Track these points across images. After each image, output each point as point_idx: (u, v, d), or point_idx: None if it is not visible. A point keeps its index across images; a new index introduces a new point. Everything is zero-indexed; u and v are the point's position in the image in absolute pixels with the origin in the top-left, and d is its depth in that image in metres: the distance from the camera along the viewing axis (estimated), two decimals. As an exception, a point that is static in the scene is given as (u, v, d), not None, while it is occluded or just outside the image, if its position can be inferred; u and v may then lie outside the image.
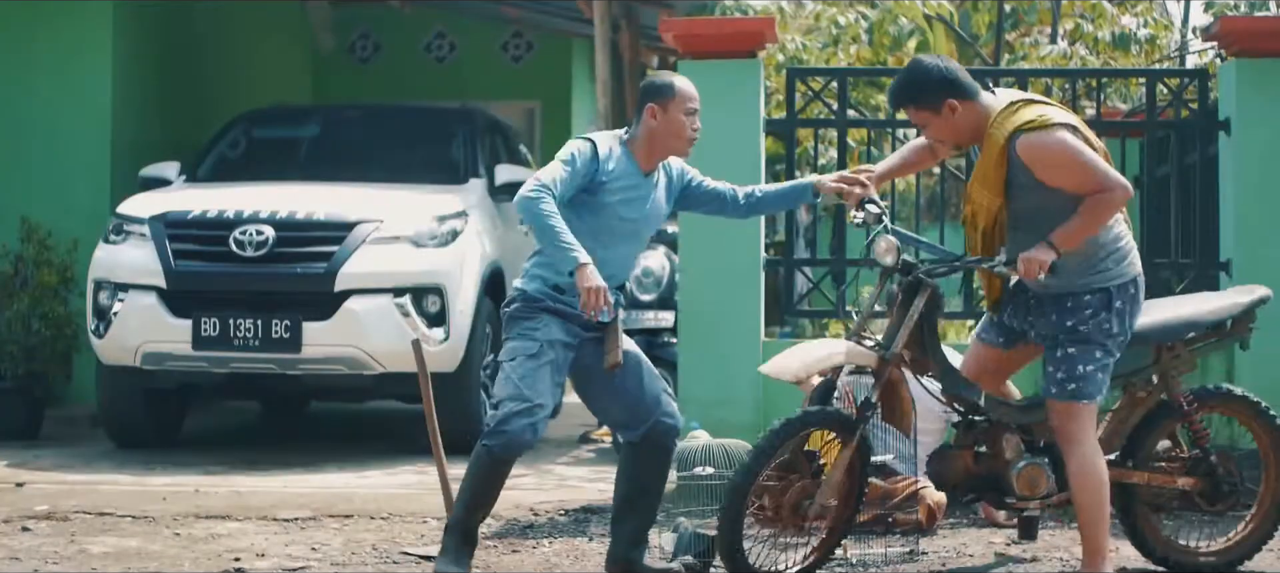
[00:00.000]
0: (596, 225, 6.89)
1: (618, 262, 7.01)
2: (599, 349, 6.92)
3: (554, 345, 6.85)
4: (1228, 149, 9.83)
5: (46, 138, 13.23)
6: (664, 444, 7.14)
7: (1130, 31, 12.24)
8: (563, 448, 11.86)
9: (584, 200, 6.88)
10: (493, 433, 6.81)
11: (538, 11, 16.42)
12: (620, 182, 6.94)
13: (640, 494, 7.15)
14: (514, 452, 6.83)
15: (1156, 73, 10.77)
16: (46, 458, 11.01)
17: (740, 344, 9.89)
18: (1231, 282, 9.71)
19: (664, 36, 10.69)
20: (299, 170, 12.39)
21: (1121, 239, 6.93)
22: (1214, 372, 9.70)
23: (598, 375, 7.00)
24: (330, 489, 9.74)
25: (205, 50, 15.17)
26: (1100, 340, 6.86)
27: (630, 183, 6.97)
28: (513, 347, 6.88)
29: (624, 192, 6.94)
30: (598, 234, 6.87)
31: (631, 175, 6.98)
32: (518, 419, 6.76)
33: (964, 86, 6.82)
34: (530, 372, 6.81)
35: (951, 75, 6.82)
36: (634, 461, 7.14)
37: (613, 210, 6.92)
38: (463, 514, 6.92)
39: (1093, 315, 6.85)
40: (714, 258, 9.92)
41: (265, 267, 10.78)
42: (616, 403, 7.10)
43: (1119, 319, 6.87)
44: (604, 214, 6.91)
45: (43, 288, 12.30)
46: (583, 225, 6.82)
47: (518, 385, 6.79)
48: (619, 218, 6.95)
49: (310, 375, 10.94)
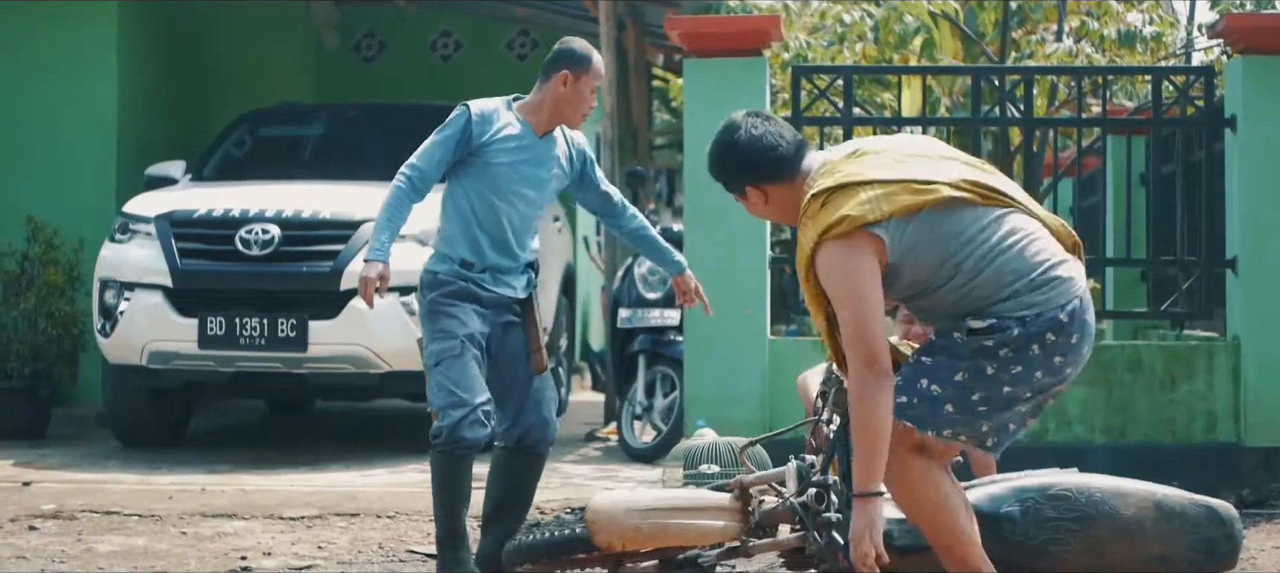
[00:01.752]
0: (489, 185, 6.97)
1: (519, 222, 7.04)
2: (507, 336, 7.03)
3: (474, 337, 6.92)
4: (1234, 146, 9.83)
5: (52, 137, 13.24)
6: (537, 451, 7.19)
7: (1136, 29, 12.20)
8: (569, 447, 11.85)
9: (470, 163, 6.98)
10: (445, 442, 6.86)
11: (543, 10, 16.42)
12: (509, 143, 6.99)
13: (514, 498, 7.21)
14: (469, 451, 6.89)
15: (1162, 70, 10.74)
16: (53, 457, 11.01)
17: (746, 343, 9.90)
18: (1238, 279, 9.71)
19: (669, 35, 10.69)
20: (304, 169, 12.40)
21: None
22: (1221, 373, 9.71)
23: (500, 364, 7.06)
24: (336, 488, 9.74)
25: (210, 49, 15.18)
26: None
27: (522, 144, 7.03)
28: (436, 350, 6.91)
29: (514, 153, 7.00)
30: (493, 192, 6.96)
31: (523, 137, 7.04)
32: (464, 425, 6.82)
33: (766, 170, 5.68)
34: (460, 372, 6.86)
35: (750, 159, 5.71)
36: (507, 464, 7.19)
37: (504, 171, 6.98)
38: (445, 523, 6.97)
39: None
40: (720, 256, 9.92)
41: (271, 266, 10.78)
42: (506, 398, 7.12)
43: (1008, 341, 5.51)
44: (493, 174, 6.96)
45: (49, 287, 12.30)
46: (474, 186, 6.96)
47: (453, 390, 6.83)
48: (515, 176, 7.00)
49: (316, 374, 10.94)
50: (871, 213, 5.39)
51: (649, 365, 11.51)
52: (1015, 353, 5.47)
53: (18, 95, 13.29)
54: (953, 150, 5.80)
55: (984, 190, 5.53)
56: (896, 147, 5.66)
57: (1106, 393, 9.75)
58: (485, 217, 6.95)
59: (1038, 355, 5.47)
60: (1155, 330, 11.69)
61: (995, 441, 5.57)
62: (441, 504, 6.93)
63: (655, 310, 11.56)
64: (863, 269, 5.39)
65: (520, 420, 7.12)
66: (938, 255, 5.47)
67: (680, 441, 9.40)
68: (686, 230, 10.20)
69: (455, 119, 6.99)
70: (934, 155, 5.63)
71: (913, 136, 5.88)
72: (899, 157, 5.56)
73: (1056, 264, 5.52)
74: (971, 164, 5.66)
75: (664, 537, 6.30)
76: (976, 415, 5.51)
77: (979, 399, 5.50)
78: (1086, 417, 9.75)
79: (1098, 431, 9.78)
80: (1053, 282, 5.49)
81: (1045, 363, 5.47)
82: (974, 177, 5.56)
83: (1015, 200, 5.59)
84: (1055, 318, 5.45)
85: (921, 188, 5.44)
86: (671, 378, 11.33)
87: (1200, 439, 9.75)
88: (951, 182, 5.49)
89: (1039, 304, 5.47)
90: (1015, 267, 5.49)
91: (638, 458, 11.03)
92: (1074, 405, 9.72)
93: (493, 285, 6.96)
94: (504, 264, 6.99)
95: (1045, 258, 5.52)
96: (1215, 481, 8.94)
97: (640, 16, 16.11)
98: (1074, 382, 5.71)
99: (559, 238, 14.07)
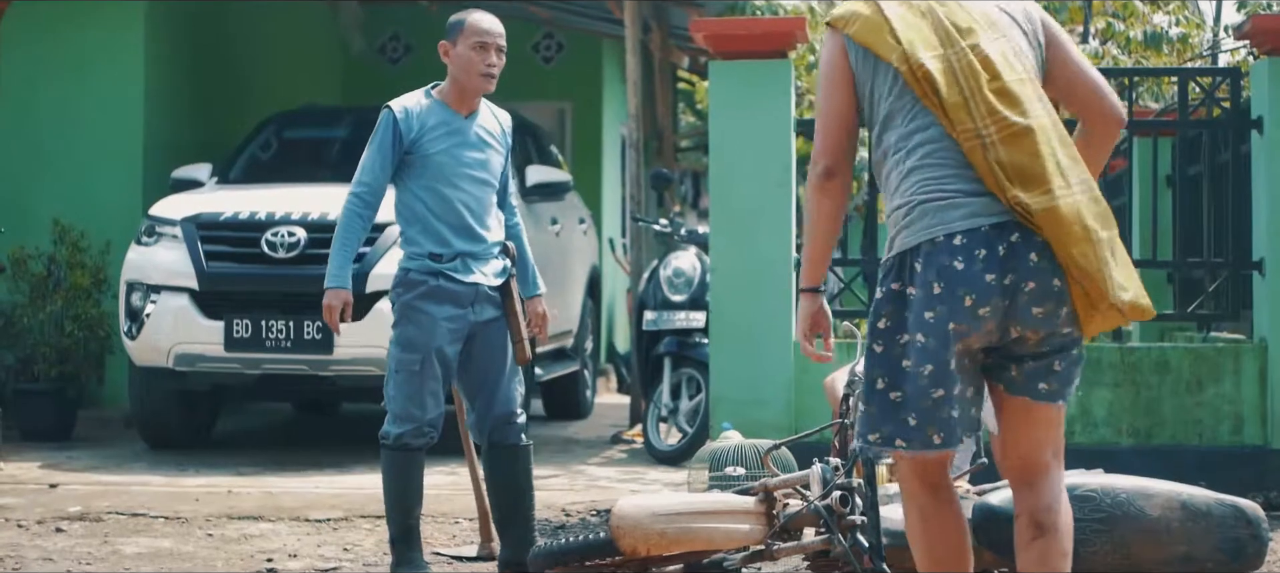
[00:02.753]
0: (435, 174, 7.01)
1: (474, 204, 7.06)
2: (485, 331, 7.07)
3: (440, 352, 6.98)
4: (1260, 148, 9.79)
5: (78, 140, 13.30)
6: (508, 444, 7.20)
7: (1162, 30, 12.20)
8: (594, 449, 11.86)
9: (411, 161, 7.02)
10: (393, 444, 7.02)
11: (568, 12, 16.43)
12: (438, 130, 7.03)
13: (511, 497, 7.25)
14: (416, 452, 7.04)
15: (1188, 72, 10.73)
16: (79, 459, 11.04)
17: (772, 345, 9.89)
18: (1265, 281, 9.68)
19: (694, 37, 10.69)
20: (330, 171, 12.39)
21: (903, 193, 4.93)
22: (1248, 375, 9.67)
23: (473, 360, 7.10)
24: (362, 490, 9.75)
25: (236, 51, 15.21)
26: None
27: (450, 128, 7.06)
28: (397, 357, 7.01)
29: (446, 137, 7.04)
30: (441, 180, 7.00)
31: (450, 120, 7.08)
32: (409, 436, 7.00)
33: None
34: (416, 387, 6.97)
35: None
36: (492, 464, 7.25)
37: (443, 159, 7.02)
38: (397, 521, 7.09)
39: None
40: (745, 258, 9.92)
41: (297, 268, 10.79)
42: (476, 392, 7.19)
43: (882, 309, 4.90)
44: (434, 165, 7.00)
45: (75, 290, 12.33)
46: (419, 182, 7.00)
47: (405, 405, 6.99)
48: (454, 161, 7.03)
49: (342, 377, 10.96)
50: (842, 18, 5.02)
51: (674, 368, 11.50)
52: (892, 309, 4.86)
53: (45, 98, 13.34)
54: (1001, 49, 4.89)
55: (940, 100, 4.81)
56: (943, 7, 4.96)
57: (1133, 395, 9.73)
58: (439, 207, 6.99)
59: (920, 301, 4.78)
60: (1182, 332, 11.66)
61: (943, 436, 4.81)
62: (392, 501, 7.07)
63: (681, 313, 11.56)
64: (827, 66, 5.07)
65: (486, 416, 7.19)
66: (877, 125, 5.00)
67: (706, 443, 9.40)
68: (712, 233, 10.20)
69: (382, 125, 7.04)
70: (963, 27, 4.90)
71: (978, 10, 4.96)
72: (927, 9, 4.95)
73: (945, 186, 4.81)
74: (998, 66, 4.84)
75: (689, 541, 6.30)
76: (892, 407, 4.85)
77: (883, 387, 4.87)
78: (1113, 419, 9.73)
79: (1124, 433, 9.75)
80: (929, 205, 4.81)
81: (939, 304, 4.75)
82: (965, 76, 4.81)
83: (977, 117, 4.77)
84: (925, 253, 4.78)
85: (891, 44, 4.90)
86: (697, 380, 11.33)
87: (1227, 441, 9.72)
88: (922, 64, 4.84)
89: (907, 238, 4.85)
90: (903, 186, 4.88)
91: (663, 460, 11.03)
92: (1100, 407, 9.70)
93: (464, 274, 6.98)
94: (473, 249, 7.02)
95: (932, 176, 4.83)
96: (1242, 482, 8.91)
97: (665, 19, 16.12)
98: (1095, 383, 5.32)
99: (585, 240, 14.08)
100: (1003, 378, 4.92)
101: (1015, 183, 4.71)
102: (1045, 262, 4.73)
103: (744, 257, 9.93)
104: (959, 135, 4.77)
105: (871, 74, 4.94)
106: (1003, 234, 4.73)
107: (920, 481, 4.97)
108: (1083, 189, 4.75)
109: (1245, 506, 6.49)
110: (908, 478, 5.00)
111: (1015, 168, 4.72)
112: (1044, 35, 5.01)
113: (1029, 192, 4.70)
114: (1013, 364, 4.88)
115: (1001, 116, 4.74)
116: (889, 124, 4.92)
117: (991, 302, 4.72)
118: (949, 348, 4.76)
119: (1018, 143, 4.73)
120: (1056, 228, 4.69)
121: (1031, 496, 4.93)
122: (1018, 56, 4.87)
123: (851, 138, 5.02)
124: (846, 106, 4.99)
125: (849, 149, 5.02)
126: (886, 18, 4.90)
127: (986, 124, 4.75)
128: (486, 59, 7.05)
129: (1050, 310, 4.77)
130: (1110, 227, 4.77)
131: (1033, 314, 4.76)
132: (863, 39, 4.93)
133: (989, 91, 4.77)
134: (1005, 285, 4.72)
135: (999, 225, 4.74)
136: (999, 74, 4.80)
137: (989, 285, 4.72)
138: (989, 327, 4.76)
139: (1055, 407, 4.91)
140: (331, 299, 6.99)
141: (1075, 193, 4.73)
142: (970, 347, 4.80)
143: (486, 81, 7.08)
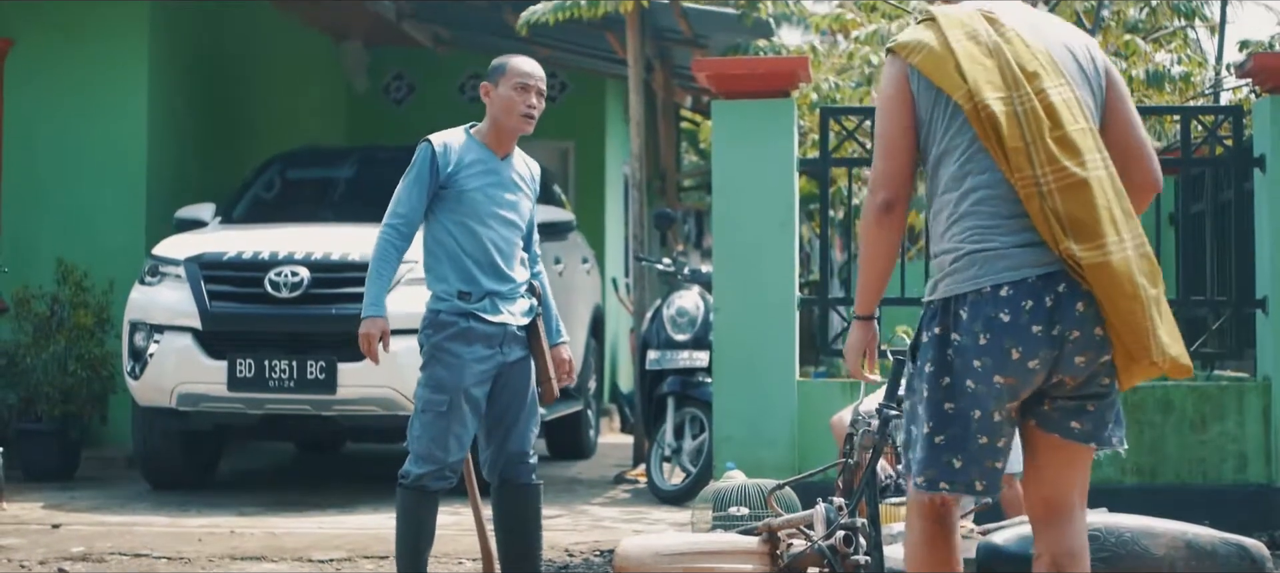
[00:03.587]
0: (468, 210, 7.00)
1: (503, 244, 7.06)
2: (511, 371, 7.06)
3: (468, 394, 6.96)
4: (1263, 186, 9.80)
5: (82, 180, 13.31)
6: (521, 482, 7.17)
7: (1164, 69, 12.19)
8: (597, 489, 11.85)
9: (445, 195, 7.01)
10: (412, 484, 6.98)
11: (572, 52, 16.46)
12: (474, 166, 7.03)
13: (520, 539, 7.22)
14: (434, 494, 7.01)
15: (1191, 110, 10.73)
16: (82, 499, 11.03)
17: (775, 384, 9.88)
18: (1268, 319, 9.68)
19: (697, 76, 10.70)
20: (333, 211, 12.42)
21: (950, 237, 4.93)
22: (1251, 414, 9.66)
23: (496, 398, 7.08)
24: (365, 530, 9.74)
25: (240, 92, 15.23)
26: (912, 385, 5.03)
27: (487, 166, 7.06)
28: (425, 398, 6.99)
29: (482, 175, 7.04)
30: (473, 217, 7.00)
31: (487, 159, 7.08)
32: (429, 478, 6.96)
33: None
34: (441, 429, 6.94)
35: None
36: (501, 504, 7.22)
37: (477, 197, 7.01)
38: (406, 564, 7.05)
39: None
40: (748, 297, 9.92)
41: (300, 308, 10.80)
42: (494, 429, 7.15)
43: (927, 355, 4.90)
44: (468, 201, 6.99)
45: (79, 329, 12.33)
46: (452, 218, 6.99)
47: (430, 446, 6.94)
48: (488, 200, 7.03)
49: (345, 416, 10.95)
50: (907, 46, 4.95)
51: (678, 407, 11.50)
52: (936, 353, 4.85)
53: (48, 137, 13.36)
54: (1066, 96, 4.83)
55: (1002, 140, 4.76)
56: (1010, 45, 4.89)
57: (1137, 433, 9.72)
58: (470, 244, 6.98)
59: (967, 349, 4.77)
60: (1185, 371, 11.64)
61: (986, 483, 4.84)
62: (404, 543, 7.03)
63: (684, 352, 11.55)
64: (888, 93, 5.00)
65: (500, 455, 7.15)
66: (932, 159, 4.95)
67: (709, 483, 9.38)
68: (716, 272, 10.19)
69: (420, 157, 7.02)
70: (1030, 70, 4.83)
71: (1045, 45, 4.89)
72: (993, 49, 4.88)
73: (995, 236, 4.78)
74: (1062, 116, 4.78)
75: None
76: (937, 450, 4.85)
77: (929, 431, 4.86)
78: (1116, 457, 9.71)
79: (1128, 471, 9.74)
80: (977, 256, 4.79)
81: (985, 355, 4.75)
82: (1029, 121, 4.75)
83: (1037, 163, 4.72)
84: (972, 302, 4.77)
85: (956, 79, 4.84)
86: (700, 419, 11.32)
87: (1231, 480, 9.71)
88: (988, 103, 4.78)
89: (952, 286, 4.83)
90: (952, 231, 4.86)
91: (667, 500, 11.01)
92: (1104, 446, 9.67)
93: (493, 314, 6.98)
94: (500, 289, 7.01)
95: (982, 225, 4.80)
96: (1246, 521, 8.89)
97: (668, 58, 16.14)
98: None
99: (588, 279, 14.08)
100: (1035, 413, 4.89)
101: (1069, 235, 4.68)
102: (1090, 311, 4.72)
103: (747, 296, 9.93)
104: (1017, 181, 4.73)
105: (932, 105, 4.89)
106: (1051, 285, 4.72)
107: (929, 518, 4.96)
108: (1134, 245, 4.72)
109: (1250, 545, 6.47)
110: (915, 512, 4.98)
111: (1071, 219, 4.69)
112: (1106, 81, 4.98)
113: (1082, 244, 4.67)
114: (1047, 400, 4.85)
115: (1061, 166, 4.71)
116: (944, 160, 4.89)
117: (1040, 353, 4.72)
118: (1000, 401, 4.77)
119: (1075, 194, 4.69)
120: (1107, 284, 4.67)
121: (1054, 537, 4.92)
122: (1081, 104, 4.83)
123: (912, 168, 4.98)
124: (908, 135, 4.94)
125: (909, 181, 4.98)
126: (953, 52, 4.85)
127: (1046, 172, 4.71)
128: (527, 100, 7.08)
129: (1092, 358, 4.76)
130: (1157, 284, 4.75)
131: (1075, 363, 4.76)
132: (927, 70, 4.88)
133: (1050, 139, 4.73)
134: (1053, 336, 4.72)
135: (1047, 276, 4.73)
136: (1061, 122, 4.75)
137: (1036, 337, 4.72)
138: (1038, 379, 4.76)
139: (1086, 448, 4.89)
140: (370, 328, 6.95)
141: (1127, 248, 4.70)
142: (1019, 397, 4.79)
143: (526, 123, 7.11)
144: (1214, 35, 16.95)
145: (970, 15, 4.94)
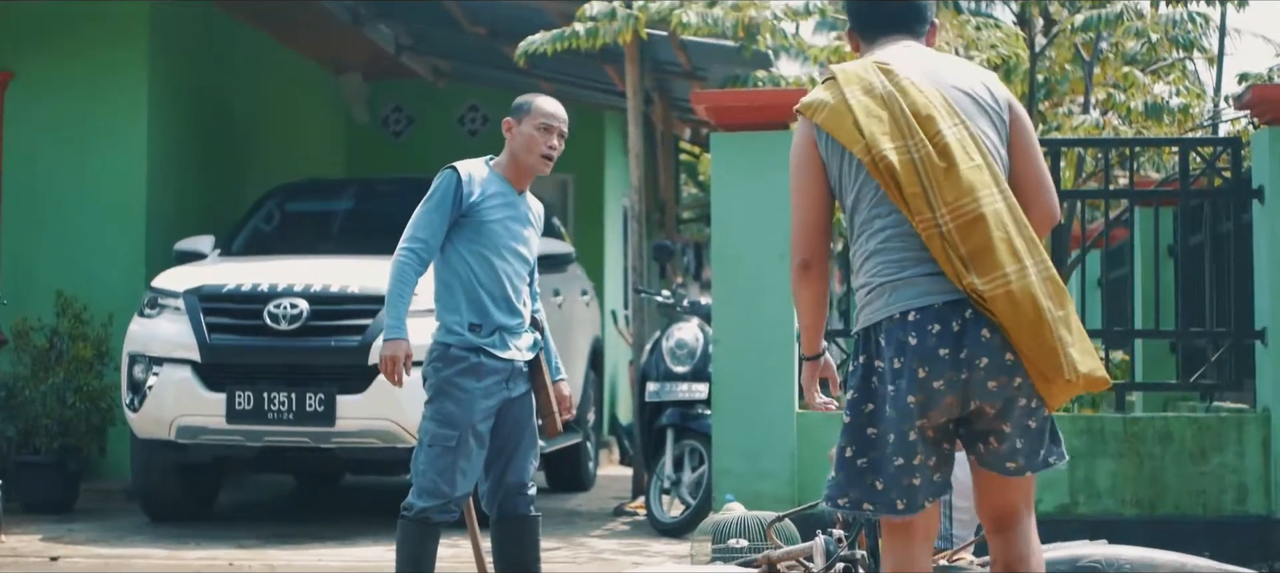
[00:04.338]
0: (487, 241, 7.03)
1: (515, 277, 7.08)
2: (515, 405, 7.07)
3: (474, 429, 6.96)
4: (1262, 217, 9.80)
5: (81, 211, 13.31)
6: (519, 514, 7.18)
7: (1162, 100, 12.19)
8: (597, 521, 11.83)
9: (465, 224, 7.03)
10: (415, 516, 6.96)
11: (571, 84, 16.48)
12: (495, 199, 7.07)
13: (524, 569, 7.22)
14: (436, 527, 6.99)
15: (1189, 142, 10.73)
16: (81, 532, 11.01)
17: (774, 416, 9.87)
18: (1267, 350, 9.68)
19: (696, 108, 10.71)
20: (333, 244, 12.43)
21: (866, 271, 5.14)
22: (1251, 445, 9.66)
23: (498, 431, 7.08)
24: (364, 563, 9.72)
25: (239, 124, 15.25)
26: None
27: (506, 199, 7.10)
28: (434, 432, 6.98)
29: (501, 208, 7.07)
30: (491, 248, 7.02)
31: (506, 193, 7.12)
32: (434, 512, 6.95)
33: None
34: (448, 464, 6.93)
35: None
36: (500, 537, 7.21)
37: (496, 228, 7.04)
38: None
39: None
40: (748, 330, 9.92)
41: (299, 340, 10.80)
42: (494, 461, 7.15)
43: (853, 382, 5.07)
44: (488, 232, 7.02)
45: (77, 362, 12.32)
46: (470, 247, 7.01)
47: (436, 480, 6.93)
48: (506, 233, 7.07)
49: (344, 449, 10.94)
50: (810, 107, 5.21)
51: (677, 439, 11.49)
52: (860, 381, 5.02)
53: (48, 169, 13.36)
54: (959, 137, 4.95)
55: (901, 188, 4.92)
56: (903, 98, 5.01)
57: (1137, 465, 9.71)
58: (485, 275, 7.00)
59: (886, 374, 4.92)
60: (1185, 402, 11.64)
61: (906, 502, 4.92)
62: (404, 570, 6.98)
63: (683, 384, 11.55)
64: (798, 155, 5.28)
65: (499, 487, 7.15)
66: (847, 207, 5.15)
67: (708, 515, 9.37)
68: (715, 304, 10.20)
69: (444, 183, 7.03)
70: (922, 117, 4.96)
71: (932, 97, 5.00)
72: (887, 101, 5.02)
73: (904, 269, 4.95)
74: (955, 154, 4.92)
75: None
76: (859, 472, 4.98)
77: (852, 455, 5.00)
78: (1117, 489, 9.71)
79: (1128, 503, 9.73)
80: (886, 286, 4.97)
81: (898, 379, 4.88)
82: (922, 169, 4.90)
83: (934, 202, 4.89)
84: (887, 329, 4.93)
85: (854, 134, 5.01)
86: (700, 452, 11.31)
87: (1231, 511, 9.70)
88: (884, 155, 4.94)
89: (869, 315, 5.02)
90: (866, 266, 5.05)
91: (666, 532, 11.00)
92: (1104, 478, 9.68)
93: (501, 350, 6.98)
94: (509, 323, 7.02)
95: (892, 259, 4.98)
96: (1246, 552, 8.88)
97: (667, 90, 16.16)
98: (1099, 454, 5.34)
99: (587, 312, 14.08)
100: (974, 450, 5.05)
101: (971, 269, 4.83)
102: (997, 337, 4.85)
103: (747, 328, 9.93)
104: (918, 224, 4.90)
105: (840, 160, 5.10)
106: (957, 311, 4.87)
107: (899, 537, 5.08)
108: (1037, 270, 4.85)
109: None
110: (888, 534, 5.13)
111: (971, 253, 4.84)
112: (1010, 115, 5.11)
113: (983, 277, 4.81)
114: (980, 442, 5.01)
115: (956, 205, 4.86)
116: (857, 208, 5.08)
117: (945, 375, 4.86)
118: (910, 420, 4.89)
119: (972, 229, 4.85)
120: (1010, 312, 4.81)
121: (1005, 545, 5.12)
122: (976, 141, 4.96)
123: (825, 228, 5.22)
124: (819, 197, 5.18)
125: (823, 239, 5.20)
126: (851, 108, 5.04)
127: (944, 214, 4.87)
128: (548, 141, 7.11)
129: (1004, 384, 4.87)
130: (1065, 303, 4.88)
131: (988, 388, 4.88)
132: (829, 127, 5.09)
133: (944, 181, 4.88)
134: (960, 358, 4.85)
135: (953, 302, 4.88)
136: (955, 163, 4.90)
137: (942, 359, 4.85)
138: (949, 401, 4.90)
139: (1024, 479, 5.06)
140: (393, 351, 6.95)
141: (1029, 274, 4.82)
142: (933, 421, 4.93)
143: (545, 163, 7.14)
144: (1212, 67, 16.97)
145: (866, 68, 5.14)
